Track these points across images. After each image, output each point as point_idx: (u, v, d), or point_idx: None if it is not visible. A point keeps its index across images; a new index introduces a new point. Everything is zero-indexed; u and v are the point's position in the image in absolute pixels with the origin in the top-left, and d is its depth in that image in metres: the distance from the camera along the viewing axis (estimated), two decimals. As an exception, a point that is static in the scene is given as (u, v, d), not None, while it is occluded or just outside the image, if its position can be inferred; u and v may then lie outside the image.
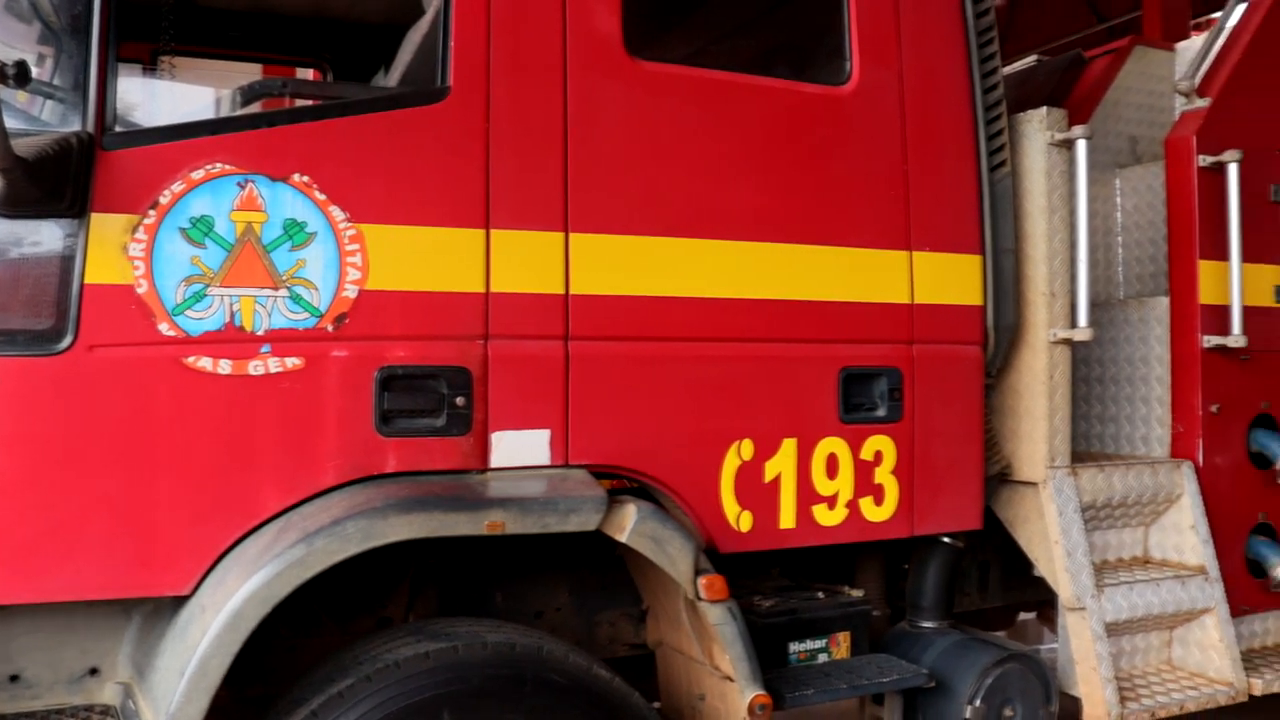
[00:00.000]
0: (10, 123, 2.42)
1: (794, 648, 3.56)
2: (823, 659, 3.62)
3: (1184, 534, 4.35)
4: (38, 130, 2.73)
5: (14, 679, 2.86)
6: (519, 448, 3.09)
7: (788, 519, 3.48)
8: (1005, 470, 4.08)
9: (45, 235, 2.68)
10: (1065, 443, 4.03)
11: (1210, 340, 4.33)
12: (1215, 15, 5.02)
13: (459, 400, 3.01)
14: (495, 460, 3.06)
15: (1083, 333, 3.97)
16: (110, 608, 2.88)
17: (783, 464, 3.47)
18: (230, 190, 2.82)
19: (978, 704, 3.72)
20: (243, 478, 2.81)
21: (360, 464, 2.92)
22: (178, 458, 2.75)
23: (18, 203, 2.59)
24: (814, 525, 3.53)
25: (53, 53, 3.07)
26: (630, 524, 3.04)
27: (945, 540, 4.00)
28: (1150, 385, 4.54)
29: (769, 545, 3.48)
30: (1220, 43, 4.60)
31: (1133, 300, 4.70)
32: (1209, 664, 4.21)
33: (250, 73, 4.70)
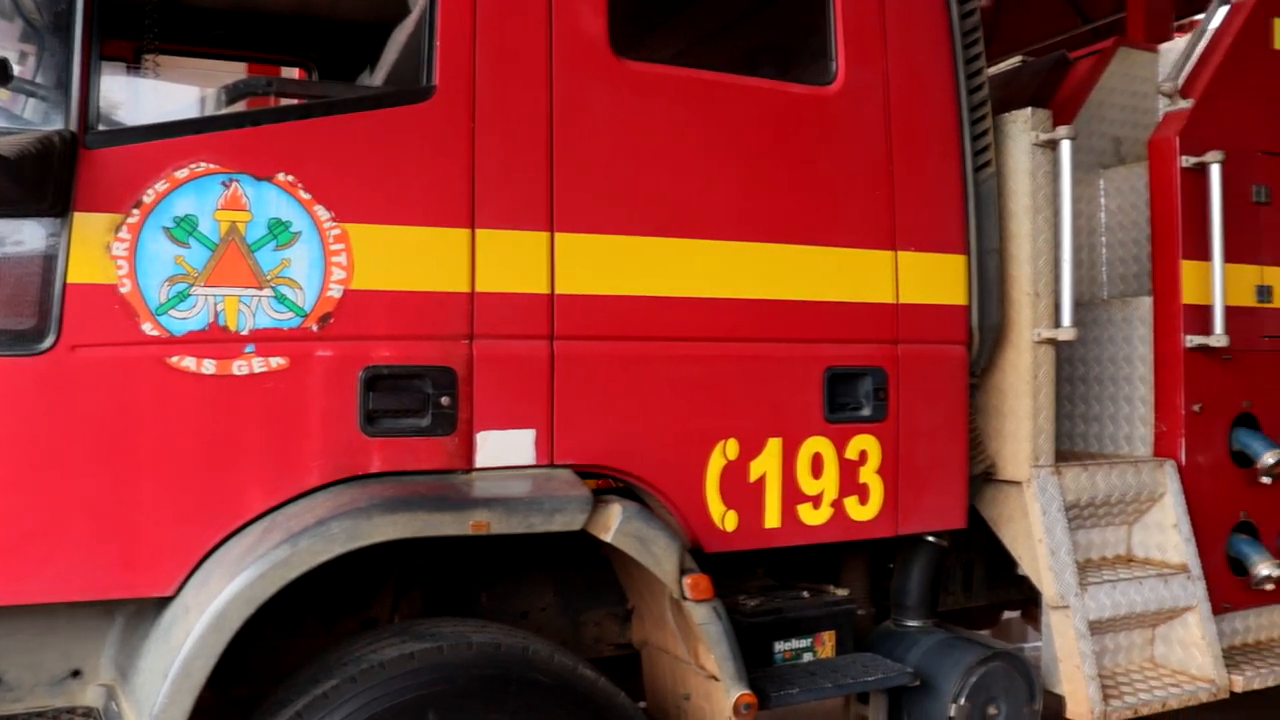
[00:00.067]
0: (-9, 121, 2.41)
1: (779, 647, 3.57)
2: (808, 658, 3.63)
3: (1166, 532, 4.37)
4: (19, 128, 2.71)
5: (-5, 681, 2.84)
6: (504, 447, 3.08)
7: (773, 518, 3.48)
8: (989, 469, 4.10)
9: (27, 234, 2.66)
10: (1049, 442, 4.05)
11: (1193, 340, 4.36)
12: (1198, 17, 5.03)
13: (444, 400, 3.00)
14: (480, 460, 3.05)
15: (1067, 332, 3.99)
16: (93, 609, 2.87)
17: (768, 463, 3.47)
18: (214, 189, 2.80)
19: (962, 702, 3.74)
20: (227, 478, 2.80)
21: (345, 464, 2.91)
22: (161, 458, 2.74)
23: (-1, 201, 2.58)
24: (799, 525, 3.54)
25: (35, 50, 3.04)
26: (615, 524, 3.04)
27: (930, 539, 4.01)
28: (1134, 385, 4.56)
29: (754, 545, 3.49)
30: (1203, 44, 4.63)
31: (1116, 300, 4.72)
32: (1191, 661, 4.24)
33: (235, 71, 4.68)
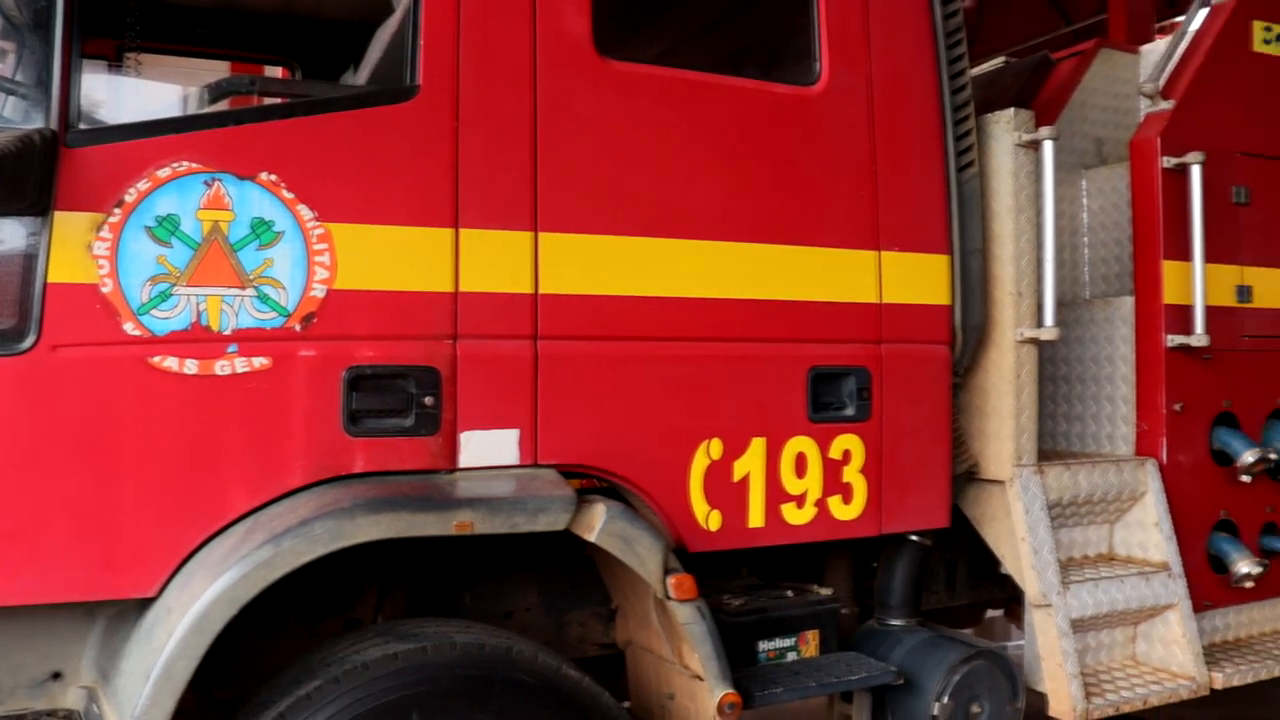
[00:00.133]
0: (-29, 120, 2.40)
1: (763, 646, 3.57)
2: (792, 657, 3.64)
3: (1148, 531, 4.40)
4: (-1, 127, 2.70)
5: (-26, 684, 2.82)
6: (488, 447, 3.08)
7: (756, 518, 3.49)
8: (973, 469, 4.11)
9: (7, 234, 2.64)
10: (1032, 441, 4.06)
11: (1174, 340, 4.38)
12: (1179, 19, 5.07)
13: (427, 400, 3.00)
14: (464, 460, 3.05)
15: (1049, 332, 4.01)
16: (74, 611, 2.85)
17: (751, 463, 3.48)
18: (197, 189, 2.79)
19: (945, 701, 3.75)
20: (209, 478, 2.79)
21: (328, 464, 2.90)
22: (143, 458, 2.73)
23: (-21, 201, 2.56)
24: (783, 524, 3.54)
25: (15, 48, 3.02)
26: (599, 523, 3.04)
27: (913, 538, 4.02)
28: (1115, 384, 4.58)
29: (738, 544, 3.49)
30: (1183, 46, 4.65)
31: (1098, 300, 4.74)
32: (1172, 659, 4.26)
33: (217, 70, 4.66)
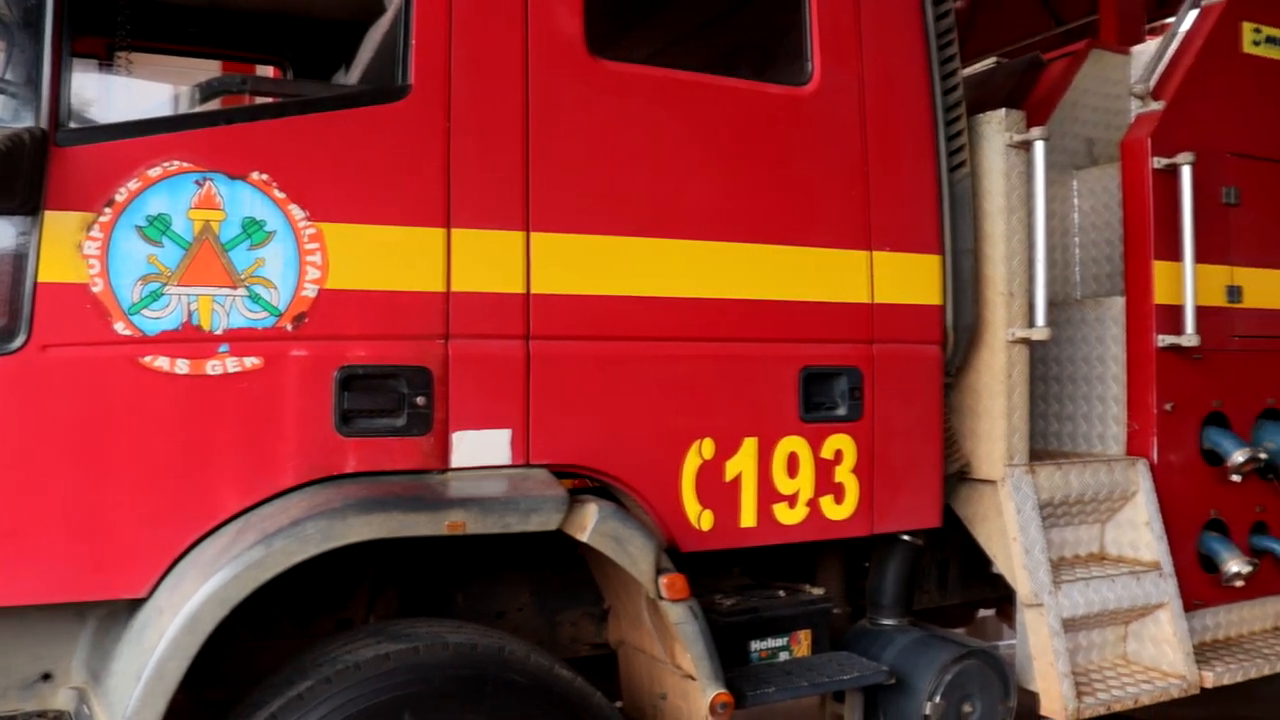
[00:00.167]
0: (-39, 119, 2.39)
1: (755, 646, 3.57)
2: (784, 657, 3.64)
3: (1139, 530, 4.41)
4: (-11, 126, 2.69)
5: (-36, 685, 2.81)
6: (480, 447, 3.08)
7: (749, 518, 3.49)
8: (964, 468, 4.12)
9: (-3, 233, 2.64)
10: (1023, 441, 4.07)
11: (1164, 339, 4.39)
12: (1169, 20, 5.08)
13: (419, 400, 3.00)
14: (456, 460, 3.05)
15: (1040, 332, 4.01)
16: (64, 611, 2.84)
17: (743, 463, 3.48)
18: (188, 188, 2.79)
19: (937, 700, 3.75)
20: (200, 478, 2.78)
21: (320, 464, 2.90)
22: (134, 458, 2.72)
23: (-31, 200, 2.55)
24: (775, 524, 3.55)
25: (4, 47, 3.01)
26: (591, 523, 3.04)
27: (905, 538, 4.03)
28: (1106, 384, 4.59)
29: (730, 544, 3.50)
30: (1174, 47, 4.66)
31: (1089, 300, 4.75)
32: (1162, 658, 4.27)
33: (209, 69, 4.65)
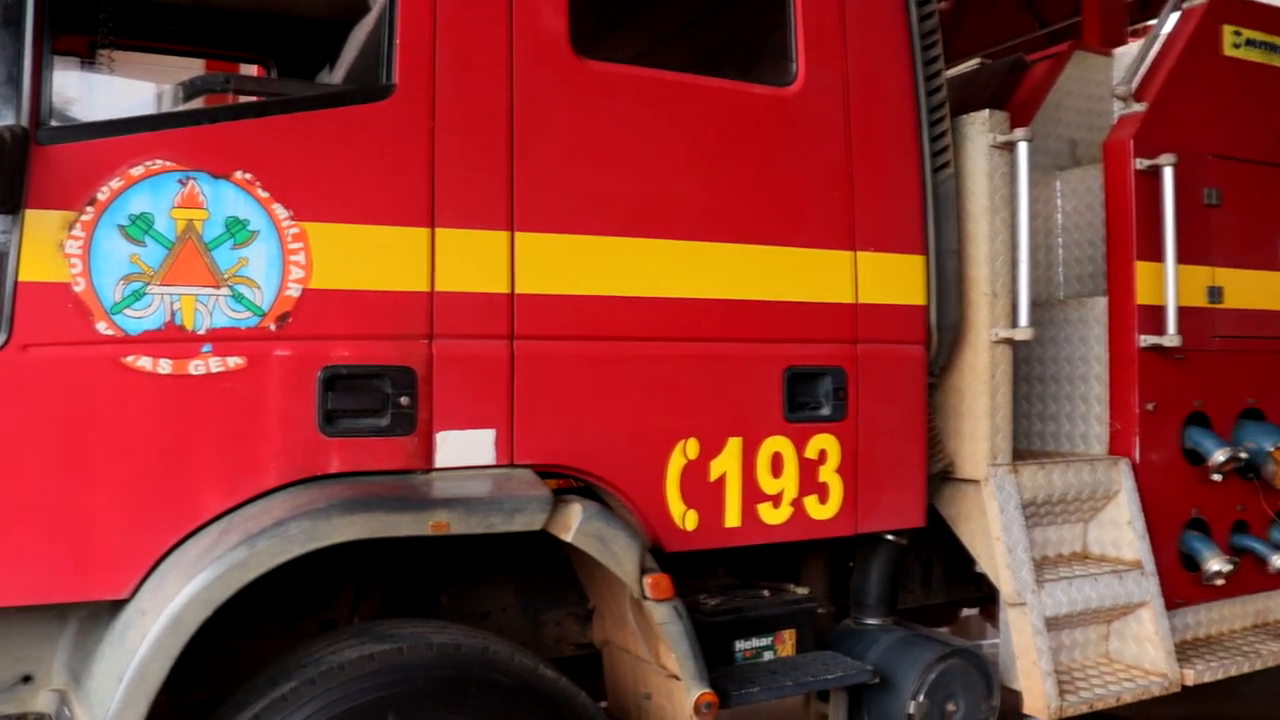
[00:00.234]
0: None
1: (740, 646, 3.58)
2: (768, 657, 3.64)
3: (1121, 529, 4.43)
4: (-31, 124, 2.67)
5: (-56, 687, 2.80)
6: (464, 447, 3.07)
7: (733, 518, 3.49)
8: (948, 468, 4.13)
9: (-23, 232, 2.62)
10: (1006, 441, 4.09)
11: (1146, 340, 4.42)
12: (1151, 22, 5.10)
13: (403, 400, 2.99)
14: (440, 460, 3.04)
15: (1023, 332, 4.03)
16: (45, 613, 2.82)
17: (728, 463, 3.48)
18: (171, 187, 2.78)
19: (921, 699, 3.77)
20: (183, 479, 2.77)
21: (303, 464, 2.89)
22: (116, 459, 2.71)
23: (-52, 199, 2.53)
24: (759, 524, 3.55)
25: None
26: (575, 523, 3.04)
27: (889, 538, 4.04)
28: (1089, 384, 4.61)
29: (714, 544, 3.50)
30: (1156, 49, 4.69)
31: (1072, 300, 4.77)
32: (1144, 656, 4.30)
33: (192, 68, 4.63)
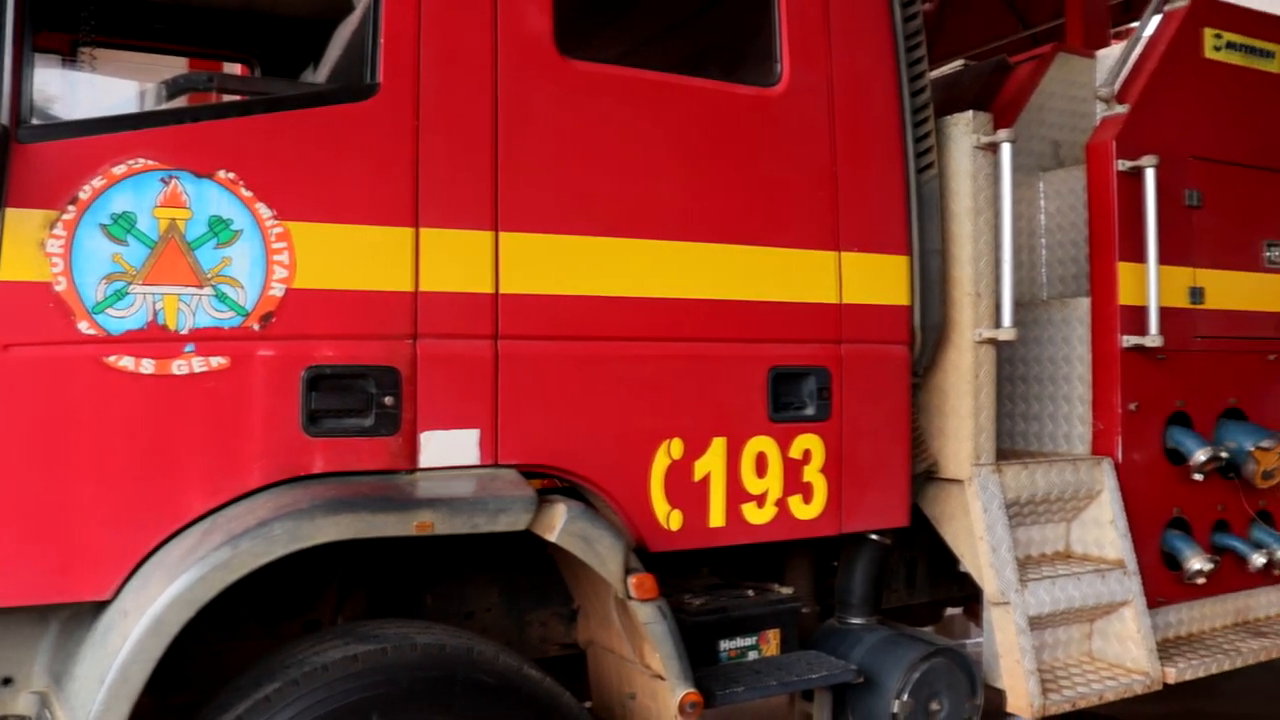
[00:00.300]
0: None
1: (724, 645, 3.58)
2: (753, 656, 3.65)
3: (1104, 529, 4.45)
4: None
5: (-78, 690, 2.78)
6: (448, 448, 3.07)
7: (717, 517, 3.50)
8: (932, 468, 4.15)
9: (-44, 231, 2.60)
10: (990, 441, 4.10)
11: (1129, 340, 4.44)
12: (1134, 25, 5.13)
13: (387, 400, 2.98)
14: (424, 460, 3.04)
15: (1007, 333, 4.04)
16: (26, 615, 2.80)
17: (712, 463, 3.49)
18: (153, 186, 2.76)
19: (905, 698, 3.78)
20: (166, 479, 2.76)
21: (287, 465, 2.88)
22: (98, 459, 2.69)
23: (-72, 197, 2.52)
24: (743, 523, 3.56)
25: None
26: (560, 523, 3.04)
27: (873, 537, 4.05)
28: (1072, 384, 4.64)
29: (699, 544, 3.50)
30: (1138, 52, 4.72)
31: (1055, 301, 4.80)
32: (1126, 655, 4.32)
33: (175, 66, 4.60)
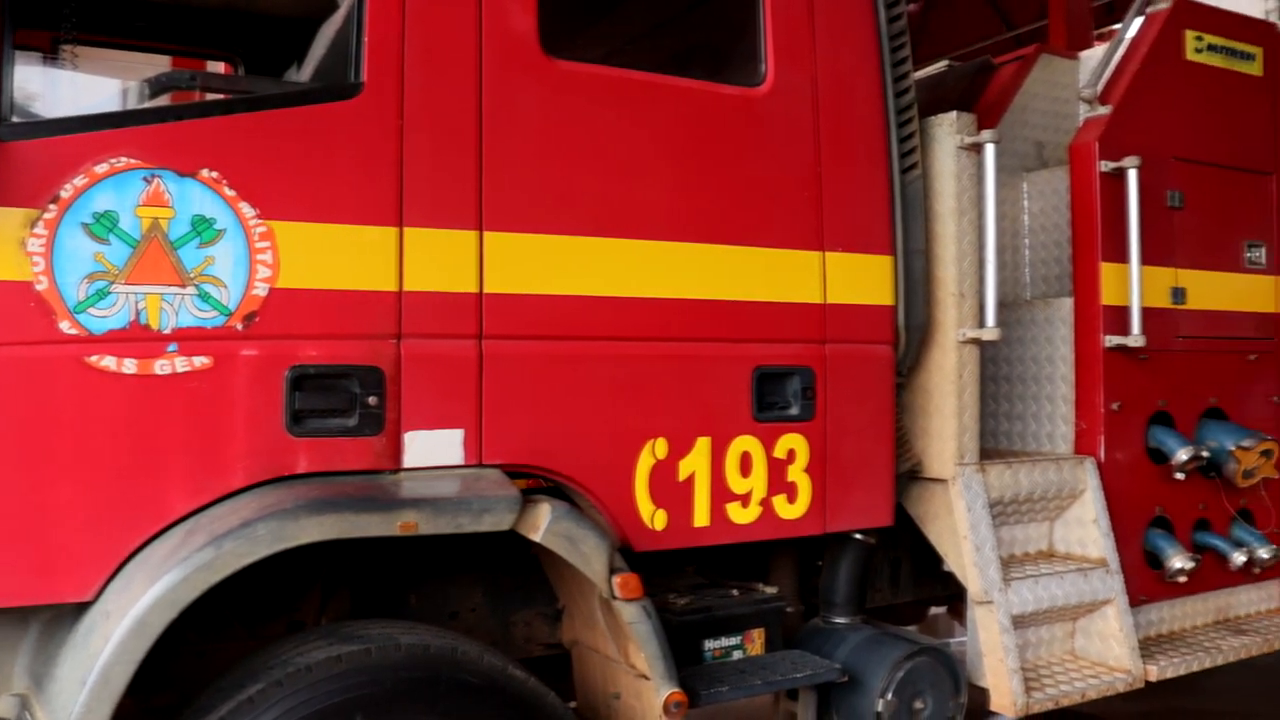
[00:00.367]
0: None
1: (709, 645, 3.59)
2: (737, 656, 3.65)
3: (1087, 528, 4.48)
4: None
5: (-99, 692, 2.76)
6: (432, 448, 3.06)
7: (702, 517, 3.50)
8: (916, 468, 4.16)
9: (-64, 230, 2.59)
10: (974, 440, 4.12)
11: (1111, 340, 4.47)
12: (1117, 26, 5.16)
13: (371, 400, 2.98)
14: (408, 460, 3.03)
15: (990, 333, 4.06)
16: (6, 616, 2.78)
17: (697, 462, 3.49)
18: (136, 185, 2.75)
19: (889, 697, 3.79)
20: (148, 480, 2.75)
21: (270, 465, 2.87)
22: (80, 460, 2.68)
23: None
24: (728, 523, 3.56)
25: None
26: (544, 523, 3.04)
27: (857, 537, 4.06)
28: (1055, 384, 4.66)
29: (683, 543, 3.51)
30: (1120, 53, 4.75)
31: (1039, 301, 4.82)
32: (1109, 653, 4.34)
33: (158, 64, 4.58)
